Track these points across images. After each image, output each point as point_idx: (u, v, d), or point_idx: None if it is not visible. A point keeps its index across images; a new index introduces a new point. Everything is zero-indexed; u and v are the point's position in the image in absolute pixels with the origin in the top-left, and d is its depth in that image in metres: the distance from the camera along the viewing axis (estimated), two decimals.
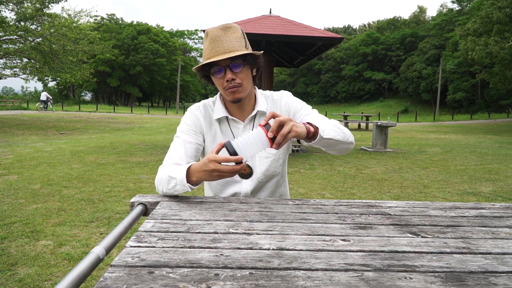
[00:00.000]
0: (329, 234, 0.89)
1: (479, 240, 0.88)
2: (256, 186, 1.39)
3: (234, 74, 1.27)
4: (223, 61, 1.26)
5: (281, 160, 1.41)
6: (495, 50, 18.84)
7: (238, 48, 1.26)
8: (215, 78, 1.30)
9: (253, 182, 1.38)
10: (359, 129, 19.78)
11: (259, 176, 1.38)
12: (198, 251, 0.76)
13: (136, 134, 13.76)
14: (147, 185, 5.52)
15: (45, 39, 16.11)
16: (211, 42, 1.26)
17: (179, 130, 1.38)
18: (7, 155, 8.00)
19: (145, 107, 43.61)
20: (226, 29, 1.27)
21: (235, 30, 1.29)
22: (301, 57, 10.95)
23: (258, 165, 1.38)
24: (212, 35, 1.26)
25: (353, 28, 73.34)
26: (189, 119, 1.39)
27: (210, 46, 1.26)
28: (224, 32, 1.26)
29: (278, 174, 1.42)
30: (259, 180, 1.39)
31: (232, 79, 1.26)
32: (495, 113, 32.73)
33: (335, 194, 5.27)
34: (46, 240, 3.27)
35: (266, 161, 1.38)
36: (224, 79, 1.28)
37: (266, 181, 1.40)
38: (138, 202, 1.16)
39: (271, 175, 1.40)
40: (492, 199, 5.19)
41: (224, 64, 1.26)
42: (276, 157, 1.39)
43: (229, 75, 1.26)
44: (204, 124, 1.40)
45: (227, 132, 1.39)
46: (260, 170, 1.38)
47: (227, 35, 1.26)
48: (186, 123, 1.39)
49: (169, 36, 56.21)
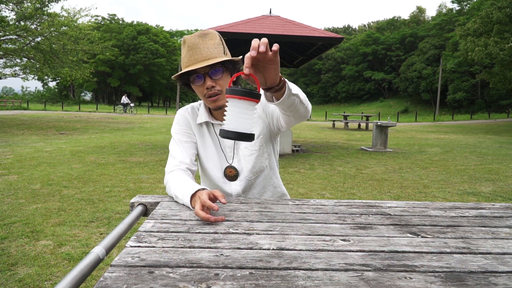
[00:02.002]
0: (329, 234, 0.89)
1: (479, 240, 0.88)
2: (246, 185, 1.39)
3: (214, 82, 1.26)
4: (202, 69, 1.25)
5: (265, 153, 1.40)
6: (495, 51, 18.84)
7: (217, 55, 1.25)
8: (195, 86, 1.30)
9: (242, 182, 1.39)
10: (359, 129, 19.77)
11: (247, 174, 1.38)
12: (198, 251, 0.76)
13: (136, 134, 13.76)
14: (147, 185, 5.52)
15: (45, 39, 16.12)
16: (189, 50, 1.25)
17: (172, 132, 1.42)
18: (7, 155, 8.00)
19: (145, 107, 43.60)
20: (204, 36, 1.27)
21: (213, 36, 1.28)
22: (301, 57, 10.95)
23: (244, 164, 1.38)
24: (190, 43, 1.26)
25: (353, 28, 73.34)
26: (180, 121, 1.42)
27: (188, 54, 1.25)
28: (202, 39, 1.26)
29: (266, 168, 1.42)
30: (248, 178, 1.39)
31: (212, 87, 1.26)
32: (495, 113, 32.74)
33: (335, 194, 5.27)
34: (46, 240, 3.27)
35: (250, 158, 1.38)
36: (204, 86, 1.27)
37: (256, 178, 1.40)
38: (138, 202, 1.16)
39: (258, 171, 1.40)
40: (492, 199, 5.19)
41: (203, 72, 1.26)
42: (260, 152, 1.39)
43: (209, 83, 1.26)
44: (193, 125, 1.42)
45: (213, 136, 1.41)
46: (247, 168, 1.38)
47: (205, 42, 1.25)
48: (177, 124, 1.42)
49: (169, 36, 56.22)
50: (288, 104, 1.07)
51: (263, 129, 1.39)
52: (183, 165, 1.30)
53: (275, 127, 1.38)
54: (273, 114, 1.34)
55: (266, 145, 1.41)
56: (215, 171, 1.40)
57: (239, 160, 1.39)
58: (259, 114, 1.39)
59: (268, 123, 1.39)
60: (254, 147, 1.37)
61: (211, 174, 1.40)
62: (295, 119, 1.20)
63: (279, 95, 1.02)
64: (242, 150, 1.38)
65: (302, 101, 1.11)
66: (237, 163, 1.39)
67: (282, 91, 1.02)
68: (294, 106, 1.10)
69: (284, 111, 1.15)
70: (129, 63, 48.30)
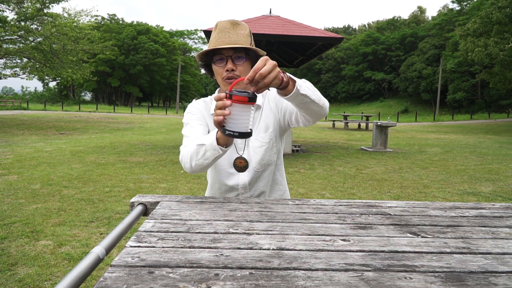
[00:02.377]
0: (329, 234, 0.89)
1: (479, 240, 0.88)
2: (253, 177, 1.40)
3: (235, 66, 1.29)
4: (226, 51, 1.29)
5: (275, 148, 1.42)
6: (495, 51, 18.83)
7: (244, 43, 1.29)
8: (216, 67, 1.33)
9: (249, 173, 1.40)
10: (359, 129, 19.77)
11: (255, 166, 1.39)
12: (198, 251, 0.76)
13: (136, 134, 13.76)
14: (147, 185, 5.52)
15: (46, 39, 16.13)
16: (219, 32, 1.30)
17: (185, 120, 1.42)
18: (7, 155, 8.00)
19: (145, 107, 43.61)
20: (236, 25, 1.31)
21: (244, 27, 1.33)
22: (301, 57, 10.94)
23: (253, 155, 1.39)
24: (221, 26, 1.30)
25: (353, 28, 73.34)
26: (192, 110, 1.44)
27: (217, 36, 1.30)
28: (233, 26, 1.30)
29: (273, 162, 1.43)
30: (255, 170, 1.40)
31: (232, 70, 1.29)
32: (495, 113, 32.72)
33: (335, 194, 5.27)
34: (46, 240, 3.27)
35: (260, 150, 1.39)
36: (224, 68, 1.31)
37: (263, 171, 1.41)
38: (138, 202, 1.16)
39: (266, 164, 1.41)
40: (492, 199, 5.19)
41: (227, 54, 1.29)
42: (269, 145, 1.40)
43: (230, 65, 1.29)
44: (206, 115, 1.44)
45: None
46: (256, 159, 1.39)
47: (236, 30, 1.30)
48: (190, 113, 1.43)
49: (169, 36, 56.22)
50: (298, 102, 1.12)
51: (274, 123, 1.41)
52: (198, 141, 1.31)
53: (285, 123, 1.40)
54: (286, 110, 1.36)
55: (276, 139, 1.43)
56: (224, 161, 1.41)
57: (249, 151, 1.40)
58: (271, 108, 1.41)
59: (279, 118, 1.41)
60: (264, 139, 1.39)
61: (220, 164, 1.41)
62: (309, 117, 1.24)
63: (286, 92, 1.08)
64: (252, 142, 1.39)
65: (313, 100, 1.14)
66: (247, 155, 1.40)
67: (288, 90, 1.07)
68: (304, 104, 1.14)
69: (297, 108, 1.20)
70: (129, 63, 48.29)
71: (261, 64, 0.97)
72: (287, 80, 1.06)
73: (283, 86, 1.05)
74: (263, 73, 0.96)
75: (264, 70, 0.96)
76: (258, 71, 0.96)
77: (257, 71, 0.96)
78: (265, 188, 1.44)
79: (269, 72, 0.97)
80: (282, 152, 1.51)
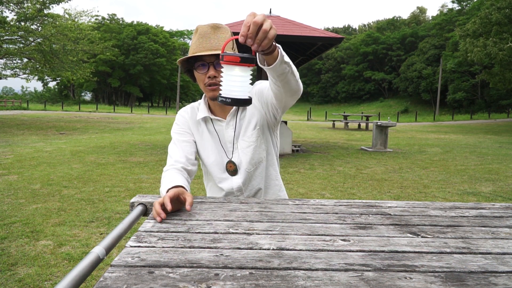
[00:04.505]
0: (329, 234, 0.89)
1: (479, 240, 0.88)
2: (246, 178, 1.40)
3: (217, 72, 1.28)
4: (208, 58, 1.28)
5: (263, 145, 1.41)
6: (494, 51, 18.83)
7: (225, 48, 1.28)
8: (198, 73, 1.32)
9: (242, 174, 1.40)
10: (359, 129, 19.77)
11: (246, 167, 1.39)
12: (198, 251, 0.76)
13: (136, 134, 13.76)
14: (147, 185, 5.52)
15: (46, 39, 16.13)
16: (200, 37, 1.28)
17: (172, 132, 1.45)
18: (7, 155, 8.00)
19: (145, 107, 43.60)
20: (216, 28, 1.29)
21: (225, 31, 1.31)
22: (301, 57, 10.94)
23: (243, 156, 1.39)
24: (202, 31, 1.29)
25: (353, 28, 73.34)
26: (179, 121, 1.46)
27: (198, 41, 1.28)
28: (214, 31, 1.29)
29: (263, 159, 1.43)
30: (247, 170, 1.39)
31: (214, 76, 1.28)
32: (495, 113, 32.71)
33: (335, 194, 5.27)
34: (46, 240, 3.27)
35: (248, 150, 1.39)
36: (206, 75, 1.30)
37: (255, 169, 1.41)
38: (138, 202, 1.16)
39: (257, 163, 1.41)
40: (492, 199, 5.19)
41: (208, 61, 1.28)
42: (257, 143, 1.39)
43: (212, 72, 1.28)
44: (191, 124, 1.45)
45: (212, 131, 1.42)
46: (246, 160, 1.39)
47: (216, 34, 1.28)
48: (176, 124, 1.46)
49: (169, 36, 56.21)
50: (279, 72, 1.06)
51: (260, 120, 1.39)
52: (178, 164, 1.31)
53: (271, 116, 1.39)
54: (267, 101, 1.34)
55: (264, 136, 1.41)
56: (215, 167, 1.41)
57: (238, 153, 1.40)
58: (255, 104, 1.40)
59: (264, 112, 1.40)
60: (251, 139, 1.38)
61: (212, 170, 1.42)
62: (285, 93, 1.18)
63: (270, 59, 1.01)
64: (240, 143, 1.39)
65: (293, 71, 1.11)
66: (237, 157, 1.40)
67: (274, 56, 1.00)
68: (284, 76, 1.09)
69: (275, 81, 1.14)
70: (129, 63, 48.28)
71: (261, 18, 0.81)
72: (274, 44, 0.99)
73: (272, 50, 0.97)
74: (266, 28, 0.82)
75: (266, 26, 0.82)
76: (258, 25, 0.80)
77: (257, 25, 0.81)
78: (261, 185, 1.43)
79: (270, 28, 0.85)
80: (275, 148, 1.49)
